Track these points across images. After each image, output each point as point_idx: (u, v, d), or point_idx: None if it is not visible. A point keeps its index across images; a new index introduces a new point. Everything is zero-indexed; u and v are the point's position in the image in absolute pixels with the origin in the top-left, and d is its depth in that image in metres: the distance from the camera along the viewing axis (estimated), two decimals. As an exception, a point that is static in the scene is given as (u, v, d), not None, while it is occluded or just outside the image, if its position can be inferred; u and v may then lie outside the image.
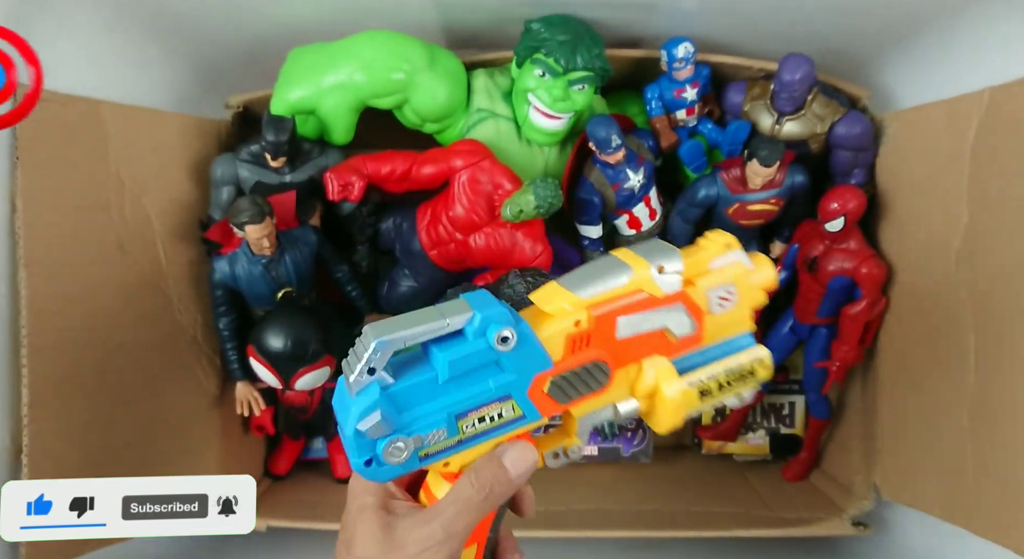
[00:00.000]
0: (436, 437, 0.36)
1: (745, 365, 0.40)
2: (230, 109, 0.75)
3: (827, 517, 0.72)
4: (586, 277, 0.38)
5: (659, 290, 0.37)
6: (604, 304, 0.37)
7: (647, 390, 0.39)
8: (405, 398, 0.35)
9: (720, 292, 0.39)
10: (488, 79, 0.72)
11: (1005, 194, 0.56)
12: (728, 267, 0.39)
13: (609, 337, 0.37)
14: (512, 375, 0.36)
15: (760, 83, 0.71)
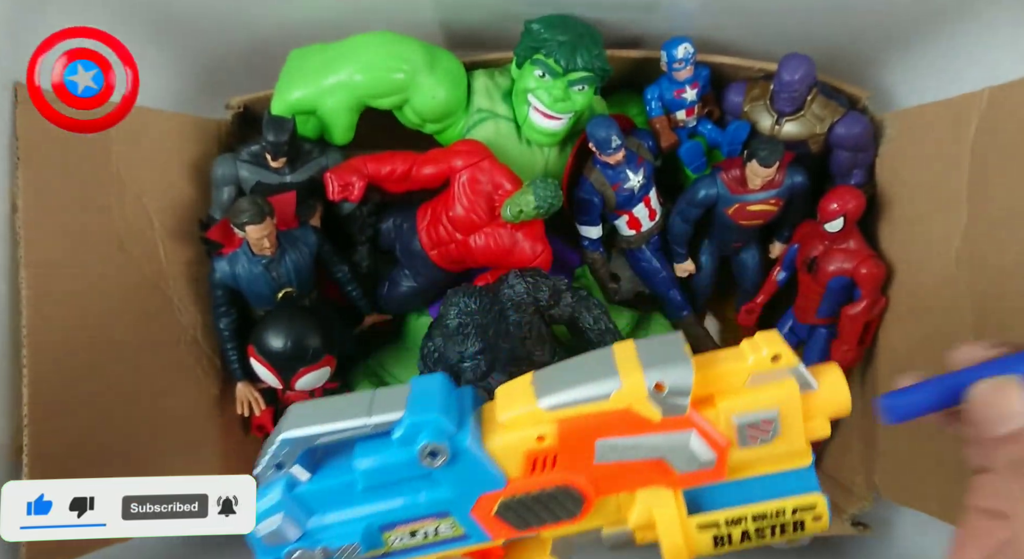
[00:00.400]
0: (348, 551, 0.30)
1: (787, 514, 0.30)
2: (230, 109, 0.75)
3: (827, 517, 0.72)
4: (564, 378, 0.30)
5: (654, 413, 0.29)
6: (577, 421, 0.29)
7: (640, 523, 0.31)
8: (318, 501, 0.30)
9: (753, 420, 0.30)
10: (488, 79, 0.72)
11: (1005, 194, 0.56)
12: (771, 387, 0.30)
13: (585, 460, 0.30)
14: (448, 491, 0.30)
15: (760, 83, 0.71)
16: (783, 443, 0.30)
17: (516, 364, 0.69)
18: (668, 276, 0.77)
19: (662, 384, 0.29)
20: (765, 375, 0.29)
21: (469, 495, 0.30)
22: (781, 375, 0.30)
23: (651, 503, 0.30)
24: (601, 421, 0.29)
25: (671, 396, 0.29)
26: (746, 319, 0.78)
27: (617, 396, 0.29)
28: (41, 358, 0.57)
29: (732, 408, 0.29)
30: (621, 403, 0.29)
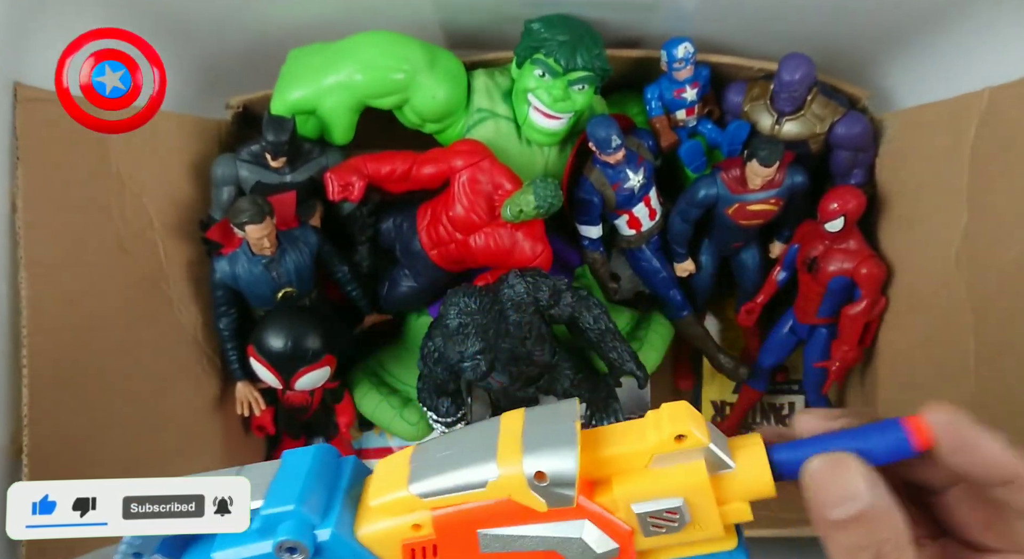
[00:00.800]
0: None
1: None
2: (230, 109, 0.75)
3: (827, 517, 0.72)
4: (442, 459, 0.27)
5: (539, 503, 0.26)
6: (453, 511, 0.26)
7: None
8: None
9: (654, 509, 0.26)
10: (488, 79, 0.72)
11: (1005, 194, 0.56)
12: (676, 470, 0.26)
13: (469, 550, 0.27)
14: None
15: (760, 83, 0.71)
16: (696, 531, 0.27)
17: (516, 364, 0.69)
18: (668, 276, 0.77)
19: (543, 473, 0.25)
20: (671, 456, 0.26)
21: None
22: (689, 456, 0.26)
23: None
24: (480, 511, 0.26)
25: (554, 486, 0.25)
26: (746, 319, 0.78)
27: (493, 486, 0.26)
28: (41, 358, 0.57)
29: (630, 496, 0.26)
30: (499, 493, 0.26)
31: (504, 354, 0.67)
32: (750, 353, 0.84)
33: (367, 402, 0.79)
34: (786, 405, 0.86)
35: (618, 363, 0.72)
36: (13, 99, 0.57)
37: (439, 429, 0.79)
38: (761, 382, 0.80)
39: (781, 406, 0.86)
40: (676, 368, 0.90)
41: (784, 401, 0.86)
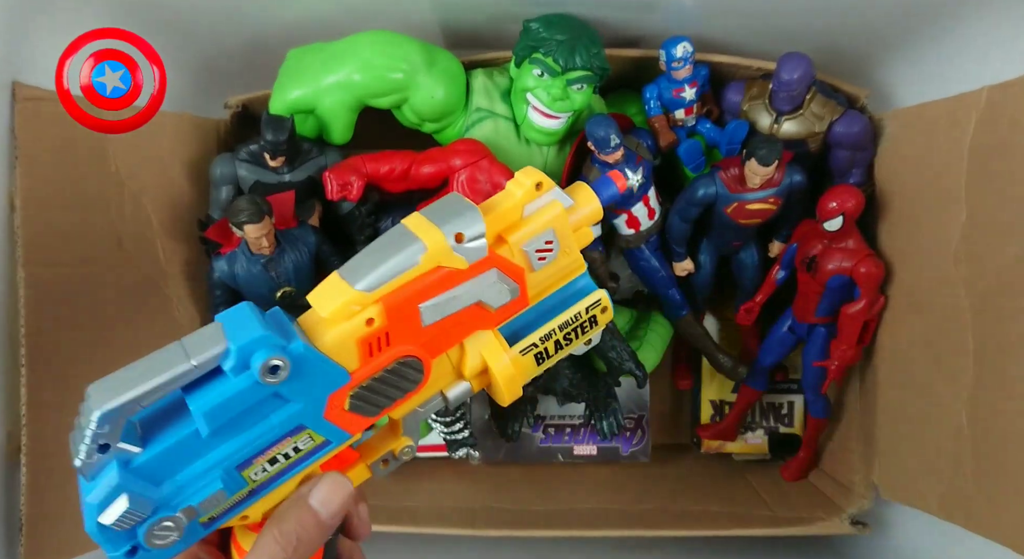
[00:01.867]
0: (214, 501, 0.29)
1: (583, 315, 0.35)
2: (229, 109, 0.75)
3: (826, 516, 0.72)
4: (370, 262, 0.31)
5: (461, 261, 0.31)
6: (398, 292, 0.30)
7: (475, 370, 0.34)
8: (162, 465, 0.28)
9: (538, 244, 0.33)
10: (487, 79, 0.72)
11: (1003, 193, 0.56)
12: (542, 211, 0.34)
13: (413, 327, 0.31)
14: (299, 404, 0.30)
15: (759, 82, 0.71)
16: (564, 257, 0.35)
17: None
18: (667, 275, 0.77)
19: (461, 234, 0.31)
20: (534, 204, 0.34)
21: (318, 401, 0.30)
22: (546, 200, 0.34)
23: (479, 347, 0.33)
24: (418, 286, 0.31)
25: (470, 242, 0.31)
26: (745, 318, 0.78)
27: (426, 258, 0.31)
28: (40, 357, 0.57)
29: (519, 239, 0.33)
30: (431, 263, 0.31)
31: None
32: (749, 352, 0.84)
33: (366, 402, 0.79)
34: (785, 404, 0.86)
35: (617, 362, 0.72)
36: (12, 98, 0.57)
37: (438, 428, 0.79)
38: (760, 381, 0.80)
39: (780, 405, 0.86)
40: (675, 367, 0.90)
41: (783, 400, 0.86)
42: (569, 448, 0.84)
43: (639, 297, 0.84)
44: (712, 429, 0.85)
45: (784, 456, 0.84)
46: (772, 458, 0.86)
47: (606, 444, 0.84)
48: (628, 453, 0.84)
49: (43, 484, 0.56)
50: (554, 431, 0.84)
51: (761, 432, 0.86)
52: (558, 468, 0.84)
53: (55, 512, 0.57)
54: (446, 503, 0.78)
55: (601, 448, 0.84)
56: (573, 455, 0.84)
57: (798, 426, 0.85)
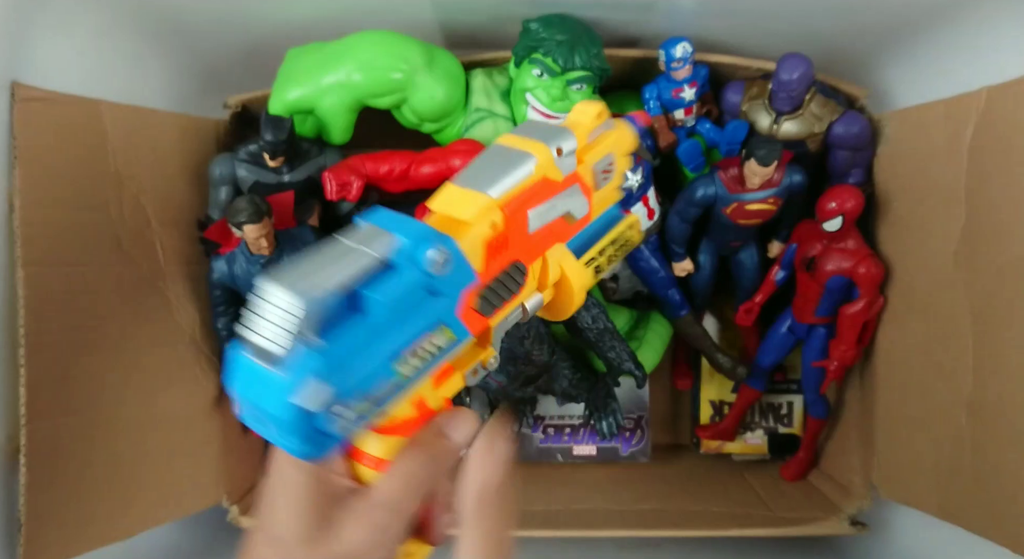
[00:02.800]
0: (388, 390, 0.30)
1: (623, 233, 0.41)
2: (228, 109, 0.75)
3: (825, 516, 0.72)
4: (489, 172, 0.34)
5: (560, 174, 0.35)
6: (516, 199, 0.34)
7: (553, 280, 0.37)
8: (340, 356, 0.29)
9: (604, 165, 0.38)
10: (486, 79, 0.72)
11: (1003, 193, 0.56)
12: (604, 137, 0.38)
13: (523, 234, 0.35)
14: (444, 299, 0.32)
15: (758, 83, 0.71)
16: (616, 180, 0.39)
17: (515, 363, 0.69)
18: (666, 276, 0.77)
19: (561, 149, 0.35)
20: (596, 131, 0.38)
21: (454, 297, 0.32)
22: (603, 128, 0.38)
23: (557, 258, 0.37)
24: (530, 193, 0.35)
25: (566, 157, 0.36)
26: (744, 318, 0.78)
27: (537, 168, 0.35)
28: (39, 358, 0.57)
29: (591, 159, 0.37)
30: (541, 173, 0.35)
31: (502, 353, 0.67)
32: (749, 352, 0.84)
33: (365, 402, 0.79)
34: (785, 404, 0.86)
35: (616, 362, 0.72)
36: (11, 98, 0.57)
37: (437, 429, 0.79)
38: (760, 381, 0.80)
39: (780, 405, 0.86)
40: (675, 367, 0.90)
41: (783, 400, 0.86)
42: (568, 448, 0.84)
43: (639, 297, 0.84)
44: (712, 429, 0.85)
45: (784, 456, 0.84)
46: (772, 458, 0.86)
47: (605, 444, 0.84)
48: (627, 453, 0.84)
49: (42, 484, 0.56)
50: (553, 431, 0.84)
51: (761, 432, 0.86)
52: (557, 468, 0.84)
53: (54, 512, 0.57)
54: (445, 503, 0.78)
55: (600, 448, 0.84)
56: (572, 455, 0.84)
57: (797, 426, 0.85)
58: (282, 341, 0.27)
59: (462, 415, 0.35)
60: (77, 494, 0.60)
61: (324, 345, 0.28)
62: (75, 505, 0.59)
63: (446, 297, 0.32)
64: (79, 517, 0.60)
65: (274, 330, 0.27)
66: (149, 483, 0.66)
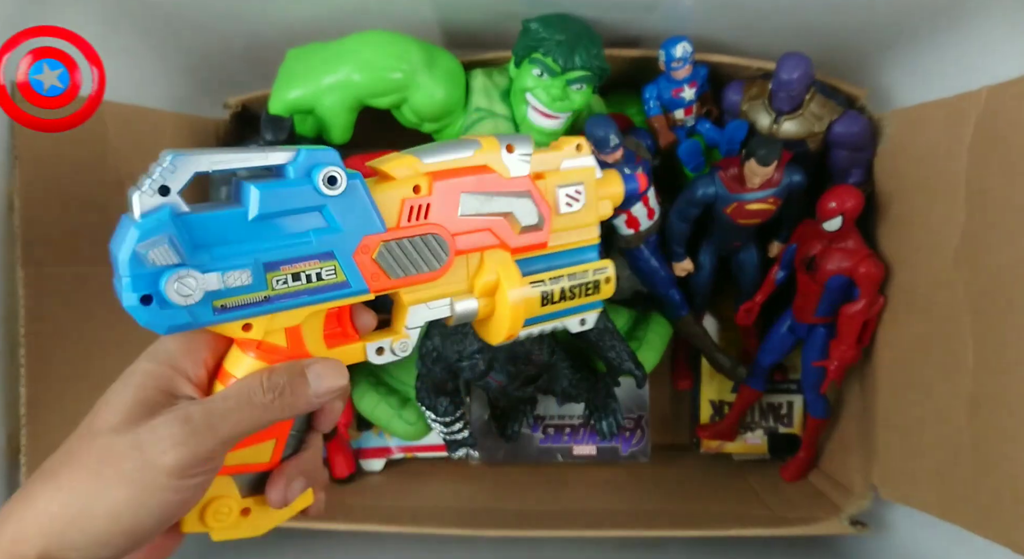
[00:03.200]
0: (237, 280, 0.30)
1: (590, 277, 0.40)
2: (228, 109, 0.75)
3: (825, 516, 0.72)
4: (434, 147, 0.36)
5: (506, 169, 0.36)
6: (448, 175, 0.35)
7: (487, 286, 0.36)
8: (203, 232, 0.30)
9: (569, 190, 0.38)
10: (486, 79, 0.72)
11: (1003, 193, 0.56)
12: (579, 169, 0.39)
13: (450, 214, 0.35)
14: (338, 230, 0.32)
15: (758, 82, 0.71)
16: (586, 213, 0.39)
17: (515, 363, 0.69)
18: (667, 275, 0.77)
19: (512, 146, 0.36)
20: (572, 161, 0.39)
21: (354, 235, 0.32)
22: (583, 161, 0.39)
23: (496, 264, 0.36)
24: (464, 173, 0.35)
25: (518, 156, 0.36)
26: (745, 318, 0.78)
27: (478, 154, 0.36)
28: (39, 358, 0.57)
29: (556, 180, 0.38)
30: (480, 159, 0.36)
31: (502, 353, 0.67)
32: (749, 352, 0.84)
33: (366, 402, 0.79)
34: (785, 404, 0.86)
35: (616, 362, 0.72)
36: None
37: (437, 428, 0.79)
38: (759, 381, 0.80)
39: (780, 405, 0.86)
40: (675, 367, 0.90)
41: (783, 400, 0.86)
42: (569, 448, 0.84)
43: (639, 297, 0.84)
44: (712, 429, 0.85)
45: (784, 456, 0.84)
46: (772, 458, 0.86)
47: (606, 444, 0.84)
48: (628, 453, 0.84)
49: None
50: (554, 431, 0.84)
51: (761, 432, 0.86)
52: (558, 468, 0.84)
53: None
54: (445, 503, 0.78)
55: (601, 448, 0.84)
56: (573, 455, 0.84)
57: (798, 426, 0.85)
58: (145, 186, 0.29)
59: (332, 365, 0.33)
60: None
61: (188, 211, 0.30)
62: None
63: (340, 229, 0.32)
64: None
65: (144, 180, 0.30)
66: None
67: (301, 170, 0.31)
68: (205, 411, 0.31)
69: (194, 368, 0.33)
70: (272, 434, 0.34)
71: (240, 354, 0.33)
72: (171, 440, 0.30)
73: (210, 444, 0.30)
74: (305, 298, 0.32)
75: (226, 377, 0.33)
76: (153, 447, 0.30)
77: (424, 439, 0.83)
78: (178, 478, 0.30)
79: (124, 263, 0.29)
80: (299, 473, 0.36)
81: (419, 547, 0.76)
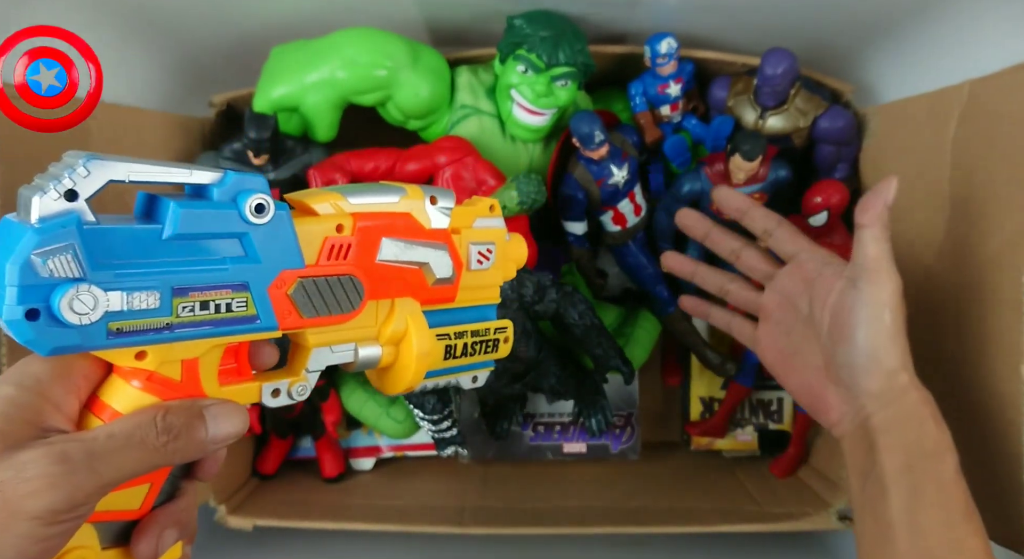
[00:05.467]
0: (142, 303, 0.27)
1: (491, 333, 0.40)
2: (213, 107, 0.75)
3: (814, 512, 0.72)
4: (360, 189, 0.36)
5: (428, 220, 0.37)
6: (371, 218, 0.35)
7: (395, 335, 0.36)
8: (110, 246, 0.27)
9: (481, 248, 0.39)
10: (471, 76, 0.72)
11: (985, 186, 0.56)
12: (491, 229, 0.40)
13: (369, 257, 0.35)
14: (256, 260, 0.30)
15: (743, 78, 0.71)
16: (493, 273, 0.40)
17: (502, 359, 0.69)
18: (654, 272, 0.77)
19: (435, 198, 0.37)
20: (485, 220, 0.40)
21: (272, 268, 0.31)
22: (494, 222, 0.40)
23: (406, 313, 0.37)
24: (388, 219, 0.35)
25: (440, 210, 0.37)
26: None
27: (403, 201, 0.36)
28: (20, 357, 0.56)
29: (470, 237, 0.39)
30: (405, 206, 0.36)
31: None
32: (737, 349, 0.84)
33: (354, 400, 0.78)
34: (775, 401, 0.86)
35: (603, 359, 0.72)
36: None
37: (426, 427, 0.79)
38: (748, 378, 0.80)
39: (770, 402, 0.86)
40: (664, 364, 0.89)
41: (772, 397, 0.85)
42: (558, 446, 0.84)
43: (627, 294, 0.84)
44: (701, 426, 0.85)
45: (774, 452, 0.84)
46: (762, 455, 0.86)
47: (595, 441, 0.84)
48: (617, 450, 0.84)
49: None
50: (543, 429, 0.84)
51: (751, 429, 0.86)
52: (547, 466, 0.84)
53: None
54: (435, 502, 0.78)
55: (590, 445, 0.84)
56: (562, 453, 0.84)
57: (787, 423, 0.85)
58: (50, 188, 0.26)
59: (232, 409, 0.31)
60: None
61: (95, 222, 0.27)
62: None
63: (261, 264, 0.31)
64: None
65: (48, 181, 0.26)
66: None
67: (227, 194, 0.30)
68: (86, 450, 0.27)
69: (65, 396, 0.29)
70: (147, 479, 0.31)
71: (122, 384, 0.30)
72: (43, 481, 0.26)
73: (88, 488, 0.26)
74: (209, 329, 0.30)
75: (103, 409, 0.29)
76: (17, 488, 0.25)
77: (414, 438, 0.82)
78: (43, 525, 0.26)
79: (12, 271, 0.25)
80: (172, 523, 0.32)
81: (409, 546, 0.76)
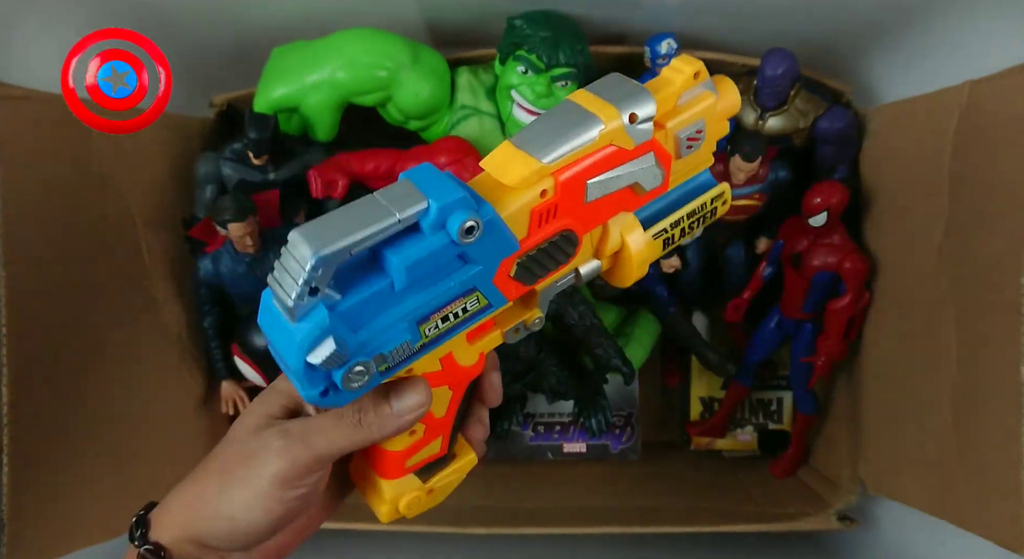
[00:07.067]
0: (402, 351, 0.31)
1: (707, 206, 0.37)
2: (214, 107, 0.75)
3: (814, 512, 0.72)
4: (548, 134, 0.32)
5: (631, 142, 0.32)
6: (571, 167, 0.32)
7: (612, 250, 0.35)
8: (358, 314, 0.29)
9: (690, 132, 0.34)
10: (472, 76, 0.72)
11: (985, 187, 0.56)
12: (696, 100, 0.34)
13: (577, 203, 0.32)
14: (477, 266, 0.31)
15: (743, 79, 0.71)
16: (705, 148, 0.35)
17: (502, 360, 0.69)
18: (654, 272, 0.77)
19: (635, 115, 0.32)
20: (689, 92, 0.34)
21: (492, 265, 0.32)
22: (699, 90, 0.34)
23: (620, 228, 0.34)
24: (590, 162, 0.32)
25: (641, 124, 0.32)
26: (733, 315, 0.78)
27: (602, 135, 0.31)
28: (21, 357, 0.56)
29: (677, 126, 0.34)
30: (606, 140, 0.32)
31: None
32: (737, 349, 0.84)
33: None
34: (774, 401, 0.86)
35: (603, 359, 0.72)
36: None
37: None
38: (748, 378, 0.80)
39: (769, 402, 0.86)
40: (665, 364, 0.90)
41: (772, 396, 0.86)
42: (558, 446, 0.84)
43: (627, 295, 0.84)
44: (701, 426, 0.85)
45: (773, 452, 0.84)
46: (761, 455, 0.86)
47: (595, 442, 0.84)
48: (617, 450, 0.84)
49: (26, 484, 0.56)
50: (543, 429, 0.84)
51: (750, 429, 0.86)
52: (548, 466, 0.84)
53: (39, 512, 0.57)
54: (435, 502, 0.78)
55: (590, 445, 0.84)
56: (562, 453, 0.84)
57: (787, 422, 0.85)
58: (293, 292, 0.28)
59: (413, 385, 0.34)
60: (62, 494, 0.59)
61: (339, 300, 0.29)
62: (60, 505, 0.59)
63: (481, 265, 0.31)
64: (64, 517, 0.59)
65: (288, 281, 0.28)
66: (135, 482, 0.65)
67: (435, 224, 0.29)
68: (303, 428, 0.33)
69: None
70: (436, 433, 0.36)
71: None
72: (272, 451, 0.33)
73: (306, 459, 0.33)
74: (454, 331, 0.33)
75: None
76: (259, 455, 0.33)
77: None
78: (280, 489, 0.32)
79: (297, 370, 0.29)
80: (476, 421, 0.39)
81: (409, 545, 0.76)
